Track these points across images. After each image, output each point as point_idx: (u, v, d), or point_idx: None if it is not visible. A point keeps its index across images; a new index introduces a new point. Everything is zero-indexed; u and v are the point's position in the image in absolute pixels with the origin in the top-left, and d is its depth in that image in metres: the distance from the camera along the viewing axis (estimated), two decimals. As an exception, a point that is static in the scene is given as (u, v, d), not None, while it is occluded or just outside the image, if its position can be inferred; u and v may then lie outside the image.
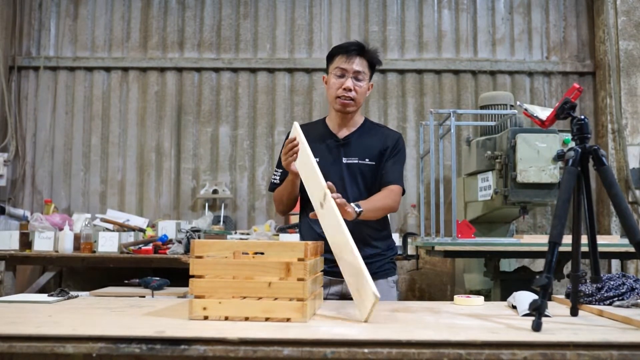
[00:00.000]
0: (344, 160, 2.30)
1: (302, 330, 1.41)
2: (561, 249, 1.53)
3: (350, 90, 2.25)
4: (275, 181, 2.40)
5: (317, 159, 2.28)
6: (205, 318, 1.57)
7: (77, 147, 5.39)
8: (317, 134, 2.38)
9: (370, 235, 2.29)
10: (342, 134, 2.35)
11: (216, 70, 5.45)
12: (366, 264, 2.21)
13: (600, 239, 3.16)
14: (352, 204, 2.05)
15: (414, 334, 1.37)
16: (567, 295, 1.90)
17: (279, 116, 5.40)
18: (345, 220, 1.87)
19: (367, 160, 2.30)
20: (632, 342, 1.32)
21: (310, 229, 2.31)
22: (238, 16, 5.50)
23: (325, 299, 2.09)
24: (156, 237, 4.46)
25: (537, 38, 5.47)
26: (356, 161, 2.29)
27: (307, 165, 2.05)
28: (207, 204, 5.19)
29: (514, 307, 1.82)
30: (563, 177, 1.62)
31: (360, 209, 2.06)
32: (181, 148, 5.39)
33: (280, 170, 2.37)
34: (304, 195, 2.33)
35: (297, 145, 2.06)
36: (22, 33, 5.48)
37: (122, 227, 4.48)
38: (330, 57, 2.33)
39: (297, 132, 2.11)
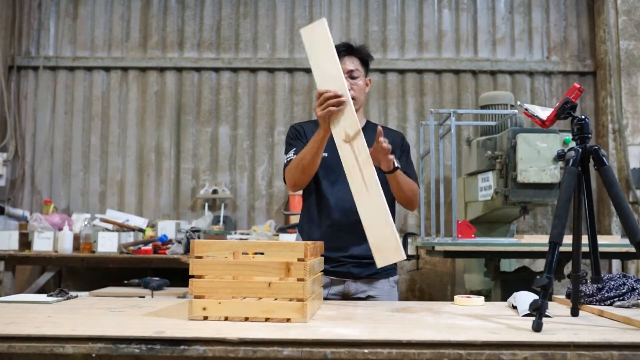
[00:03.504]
0: None
1: (302, 330, 1.41)
2: (562, 249, 1.53)
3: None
4: (291, 159, 2.27)
5: (326, 154, 2.25)
6: (205, 318, 1.56)
7: (77, 147, 5.39)
8: None
9: None
10: None
11: (216, 70, 5.45)
12: (369, 264, 2.22)
13: (601, 239, 3.17)
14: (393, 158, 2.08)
15: (414, 334, 1.36)
16: (568, 296, 1.89)
17: (279, 116, 5.40)
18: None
19: None
20: (632, 342, 1.31)
21: (310, 231, 2.30)
22: (238, 16, 5.50)
23: (325, 298, 2.08)
24: (156, 237, 4.46)
25: (538, 38, 5.47)
26: None
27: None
28: (206, 204, 5.18)
29: (515, 308, 1.82)
30: (563, 177, 1.61)
31: (398, 166, 2.10)
32: (181, 148, 5.39)
33: (294, 150, 2.29)
34: (307, 196, 2.32)
35: (342, 99, 1.90)
36: (22, 33, 5.48)
37: (122, 227, 4.48)
38: None
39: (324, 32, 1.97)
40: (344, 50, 2.27)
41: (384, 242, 1.78)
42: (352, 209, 2.07)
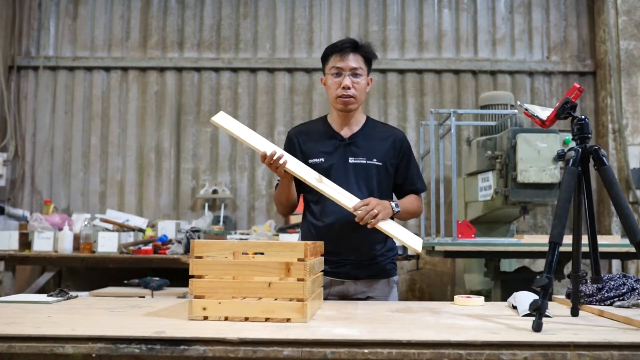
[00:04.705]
0: (351, 160, 2.24)
1: (302, 330, 1.41)
2: (562, 249, 1.53)
3: (349, 88, 2.20)
4: (278, 181, 2.30)
5: (322, 159, 2.23)
6: (205, 318, 1.56)
7: (77, 147, 5.38)
8: (319, 132, 2.32)
9: (376, 238, 2.24)
10: (346, 133, 2.29)
11: (216, 70, 5.45)
12: (369, 265, 2.23)
13: (601, 239, 3.17)
14: (391, 202, 2.13)
15: (414, 334, 1.36)
16: (568, 296, 1.89)
17: (279, 116, 5.40)
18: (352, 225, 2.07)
19: (374, 160, 2.24)
20: (632, 342, 1.32)
21: (311, 232, 2.29)
22: (238, 16, 5.50)
23: (325, 299, 2.08)
24: (156, 237, 4.46)
25: (538, 38, 5.47)
26: (364, 161, 2.23)
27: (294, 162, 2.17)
28: (206, 204, 5.18)
29: (515, 308, 1.81)
30: (563, 177, 1.61)
31: (398, 209, 2.14)
32: (181, 148, 5.39)
33: None
34: (307, 195, 2.32)
35: (280, 156, 2.07)
36: (22, 33, 5.48)
37: (122, 227, 4.48)
38: (325, 58, 2.28)
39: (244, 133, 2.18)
40: (349, 46, 2.21)
41: (406, 236, 2.08)
42: (350, 212, 2.07)
